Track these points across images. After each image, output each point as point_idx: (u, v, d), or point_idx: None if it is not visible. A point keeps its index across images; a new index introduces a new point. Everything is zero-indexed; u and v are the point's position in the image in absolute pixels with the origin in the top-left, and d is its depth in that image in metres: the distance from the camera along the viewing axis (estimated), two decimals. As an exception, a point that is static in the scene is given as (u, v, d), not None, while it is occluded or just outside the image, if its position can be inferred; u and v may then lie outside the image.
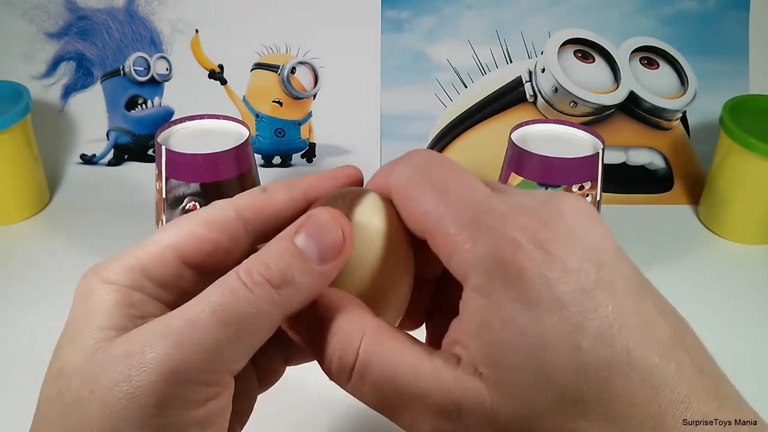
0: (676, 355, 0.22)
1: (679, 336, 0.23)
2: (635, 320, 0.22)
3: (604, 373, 0.21)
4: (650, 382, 0.21)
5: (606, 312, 0.22)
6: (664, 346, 0.22)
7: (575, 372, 0.21)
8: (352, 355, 0.23)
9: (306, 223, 0.24)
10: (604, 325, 0.21)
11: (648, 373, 0.21)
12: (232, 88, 0.77)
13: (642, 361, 0.21)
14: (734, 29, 0.78)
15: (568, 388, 0.21)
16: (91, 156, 0.77)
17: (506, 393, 0.22)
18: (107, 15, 0.76)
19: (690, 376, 0.22)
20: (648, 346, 0.22)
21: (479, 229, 0.23)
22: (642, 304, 0.23)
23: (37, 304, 0.61)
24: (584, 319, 0.21)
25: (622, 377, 0.21)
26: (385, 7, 0.76)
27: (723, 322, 0.61)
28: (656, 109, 0.77)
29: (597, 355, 0.21)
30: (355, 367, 0.23)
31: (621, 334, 0.21)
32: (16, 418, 0.51)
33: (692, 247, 0.70)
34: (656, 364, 0.21)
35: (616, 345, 0.21)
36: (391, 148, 0.77)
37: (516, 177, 0.59)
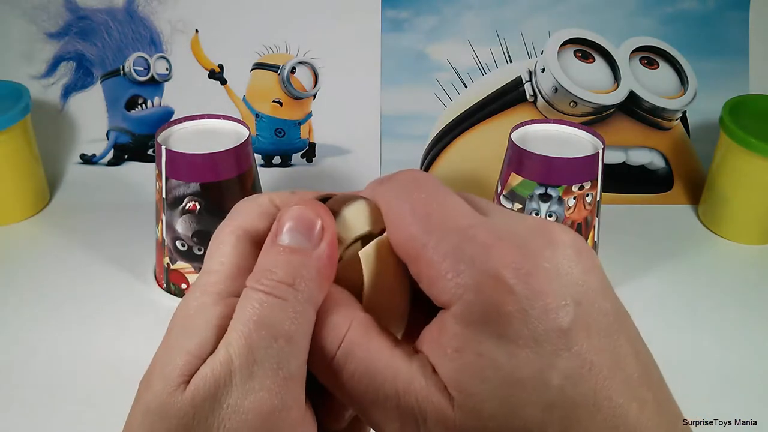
0: (640, 395, 0.23)
1: (646, 373, 0.23)
2: (606, 360, 0.22)
3: (570, 412, 0.22)
4: (612, 423, 0.22)
5: (579, 351, 0.22)
6: (630, 386, 0.23)
7: (542, 409, 0.22)
8: (335, 343, 0.23)
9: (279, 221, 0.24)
10: (576, 365, 0.22)
11: (611, 415, 0.22)
12: (232, 88, 0.77)
13: (606, 402, 0.22)
14: (734, 29, 0.78)
15: (533, 422, 0.22)
16: (91, 156, 0.77)
17: (470, 417, 0.22)
18: (107, 15, 0.76)
19: (649, 416, 0.23)
20: (614, 387, 0.22)
21: (462, 259, 0.23)
22: (616, 343, 0.23)
23: (38, 304, 0.61)
24: (557, 357, 0.22)
25: (587, 417, 0.22)
26: (385, 7, 0.76)
27: (723, 322, 0.61)
28: (656, 109, 0.77)
29: (565, 394, 0.22)
30: (336, 355, 0.23)
31: (590, 374, 0.22)
32: (17, 418, 0.51)
33: (692, 247, 0.70)
34: (620, 404, 0.22)
35: (584, 385, 0.22)
36: (391, 148, 0.77)
37: (516, 177, 0.59)
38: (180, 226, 0.58)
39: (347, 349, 0.23)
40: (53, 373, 0.54)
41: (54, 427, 0.50)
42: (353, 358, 0.23)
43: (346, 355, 0.23)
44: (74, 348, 0.57)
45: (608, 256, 0.65)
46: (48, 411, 0.52)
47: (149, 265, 0.65)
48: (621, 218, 0.73)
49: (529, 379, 0.22)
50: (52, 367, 0.55)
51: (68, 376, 0.54)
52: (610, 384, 0.22)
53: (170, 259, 0.60)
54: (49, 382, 0.54)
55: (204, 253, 0.59)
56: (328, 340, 0.23)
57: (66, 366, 0.55)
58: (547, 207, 0.58)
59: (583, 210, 0.59)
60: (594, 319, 0.23)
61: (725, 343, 0.59)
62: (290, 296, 0.23)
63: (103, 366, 0.55)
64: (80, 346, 0.57)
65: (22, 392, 0.53)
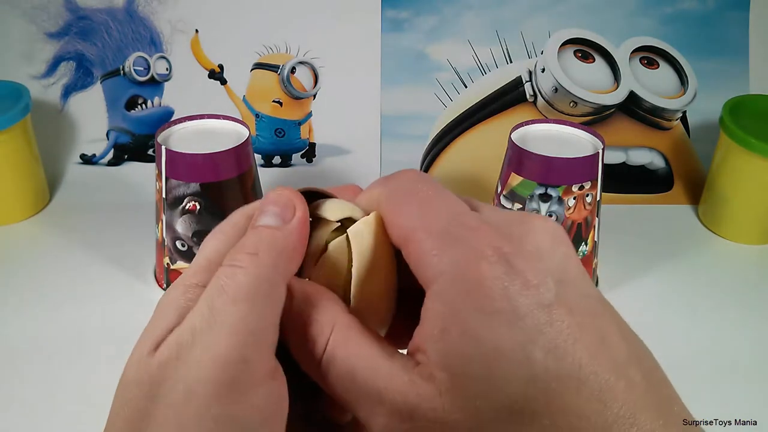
0: (628, 374, 0.23)
1: (635, 356, 0.23)
2: (591, 337, 0.23)
3: (554, 385, 0.22)
4: (599, 397, 0.22)
5: (561, 327, 0.22)
6: (618, 364, 0.23)
7: (525, 383, 0.22)
8: (321, 345, 0.24)
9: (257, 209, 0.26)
10: (559, 339, 0.22)
11: (597, 389, 0.22)
12: (232, 88, 0.77)
13: (593, 377, 0.22)
14: (734, 29, 0.78)
15: (517, 397, 0.22)
16: (91, 156, 0.77)
17: (458, 399, 0.23)
18: (107, 15, 0.76)
19: (640, 394, 0.23)
20: (601, 363, 0.22)
21: (448, 239, 0.24)
22: (600, 322, 0.23)
23: (38, 304, 0.61)
24: (539, 332, 0.22)
25: (572, 391, 0.22)
26: (385, 7, 0.76)
27: (723, 322, 0.61)
28: (656, 109, 0.77)
29: (548, 368, 0.22)
30: (322, 357, 0.24)
31: (574, 349, 0.22)
32: (17, 417, 0.51)
33: (692, 247, 0.70)
34: (607, 380, 0.22)
35: (567, 359, 0.22)
36: (391, 147, 0.77)
37: (516, 177, 0.59)
38: (180, 226, 0.58)
39: (331, 351, 0.24)
40: (53, 372, 0.54)
41: (54, 427, 0.50)
42: (336, 359, 0.24)
43: (330, 356, 0.24)
44: (74, 348, 0.57)
45: (608, 256, 0.65)
46: (48, 410, 0.52)
47: (149, 265, 0.65)
48: (621, 218, 0.73)
49: (511, 353, 0.22)
50: (52, 367, 0.55)
51: (68, 376, 0.54)
52: (596, 360, 0.22)
53: (170, 259, 0.60)
54: (49, 382, 0.54)
55: (204, 253, 0.59)
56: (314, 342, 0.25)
57: (66, 366, 0.55)
58: (547, 207, 0.58)
59: (583, 210, 0.59)
60: (576, 299, 0.23)
61: (725, 343, 0.59)
62: (251, 264, 0.24)
63: (102, 366, 0.55)
64: (80, 346, 0.57)
65: (23, 392, 0.53)
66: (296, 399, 0.25)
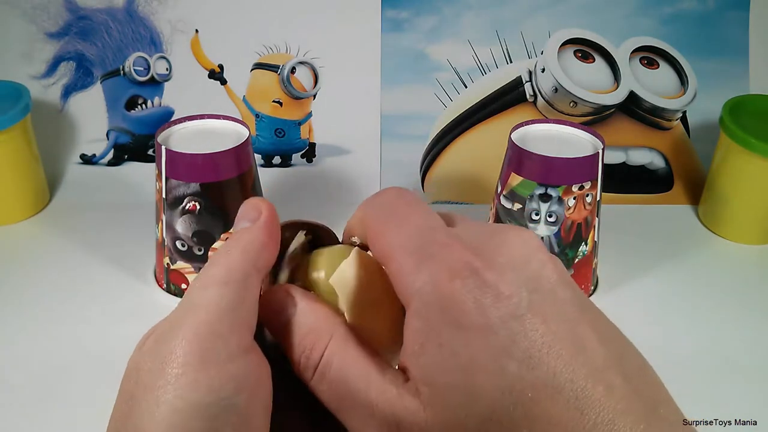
0: (606, 379, 0.23)
1: (616, 360, 0.24)
2: (566, 344, 0.23)
3: (530, 394, 0.22)
4: (575, 405, 0.22)
5: (535, 336, 0.23)
6: (595, 369, 0.23)
7: (502, 393, 0.22)
8: (318, 354, 0.26)
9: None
10: (533, 348, 0.23)
11: (574, 397, 0.22)
12: (232, 88, 0.77)
13: (568, 384, 0.22)
14: (734, 29, 0.78)
15: (495, 407, 0.23)
16: (91, 156, 0.77)
17: (439, 412, 0.23)
18: (107, 15, 0.76)
19: (619, 399, 0.23)
20: (576, 370, 0.23)
21: (422, 257, 0.25)
22: (577, 328, 0.24)
23: (37, 304, 0.61)
24: (512, 343, 0.23)
25: (548, 399, 0.22)
26: (385, 7, 0.76)
27: (723, 322, 0.61)
28: (656, 109, 0.77)
29: (522, 377, 0.22)
30: (318, 365, 0.26)
31: (549, 357, 0.23)
32: (17, 417, 0.51)
33: (692, 247, 0.70)
34: (583, 387, 0.22)
35: (542, 368, 0.22)
36: (391, 147, 0.77)
37: (516, 177, 0.59)
38: (180, 226, 0.58)
39: (327, 360, 0.26)
40: (53, 372, 0.54)
41: (54, 427, 0.50)
42: (332, 368, 0.25)
43: (326, 365, 0.26)
44: (74, 348, 0.57)
45: (608, 256, 0.65)
46: (47, 410, 0.51)
47: (149, 265, 0.65)
48: (621, 218, 0.73)
49: (487, 365, 0.23)
50: (52, 367, 0.55)
51: (68, 376, 0.54)
52: (572, 367, 0.23)
53: (170, 259, 0.60)
54: (49, 382, 0.54)
55: (204, 253, 0.59)
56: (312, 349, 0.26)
57: (65, 366, 0.55)
58: (547, 207, 0.58)
59: (583, 210, 0.59)
60: (551, 307, 0.24)
61: (725, 343, 0.59)
62: (223, 258, 0.27)
63: (103, 366, 0.55)
64: (80, 346, 0.57)
65: (22, 392, 0.53)
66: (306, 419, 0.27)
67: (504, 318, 0.23)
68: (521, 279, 0.24)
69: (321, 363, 0.26)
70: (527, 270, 0.24)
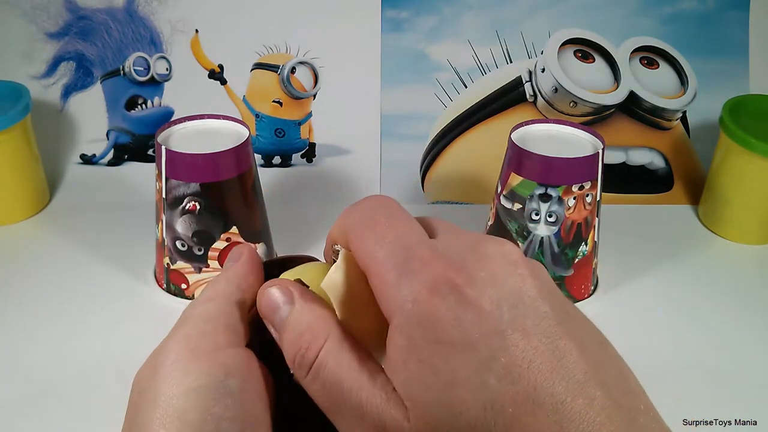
0: (586, 392, 0.23)
1: (597, 371, 0.24)
2: (546, 358, 0.23)
3: (510, 409, 0.23)
4: (555, 418, 0.22)
5: (516, 351, 0.23)
6: (575, 383, 0.23)
7: (483, 408, 0.23)
8: (314, 354, 0.26)
9: None
10: (513, 364, 0.23)
11: (553, 410, 0.22)
12: (232, 88, 0.77)
13: (548, 399, 0.23)
14: (734, 29, 0.78)
15: (476, 423, 0.23)
16: (91, 156, 0.77)
17: (422, 425, 0.24)
18: (107, 15, 0.76)
19: (598, 411, 0.23)
20: (556, 384, 0.23)
21: (404, 273, 0.25)
22: (558, 342, 0.24)
23: (37, 304, 0.61)
24: (492, 358, 0.23)
25: (528, 414, 0.22)
26: (385, 7, 0.76)
27: (723, 322, 0.61)
28: (656, 109, 0.77)
29: (503, 393, 0.23)
30: (313, 365, 0.26)
31: (529, 372, 0.23)
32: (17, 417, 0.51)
33: (692, 247, 0.70)
34: (563, 401, 0.23)
35: (522, 383, 0.23)
36: (391, 147, 0.77)
37: (516, 177, 0.59)
38: (180, 226, 0.58)
39: (322, 360, 0.26)
40: (53, 372, 0.54)
41: (54, 427, 0.50)
42: (325, 368, 0.26)
43: (320, 365, 0.26)
44: (74, 348, 0.57)
45: (608, 256, 0.65)
46: (47, 410, 0.51)
47: (149, 265, 0.65)
48: (621, 218, 0.73)
49: (467, 381, 0.23)
50: (52, 367, 0.55)
51: (68, 376, 0.54)
52: (551, 381, 0.23)
53: (170, 259, 0.60)
54: (49, 382, 0.54)
55: (204, 253, 0.59)
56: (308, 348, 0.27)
57: (65, 366, 0.55)
58: (547, 207, 0.58)
59: (583, 210, 0.59)
60: (531, 322, 0.24)
61: (725, 343, 0.59)
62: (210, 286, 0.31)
63: (102, 366, 0.55)
64: (80, 346, 0.57)
65: (22, 392, 0.53)
66: None
67: (484, 334, 0.23)
68: (501, 294, 0.24)
69: (316, 363, 0.26)
70: (507, 285, 0.24)
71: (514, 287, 0.24)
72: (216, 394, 0.26)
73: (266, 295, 0.28)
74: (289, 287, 0.28)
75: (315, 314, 0.27)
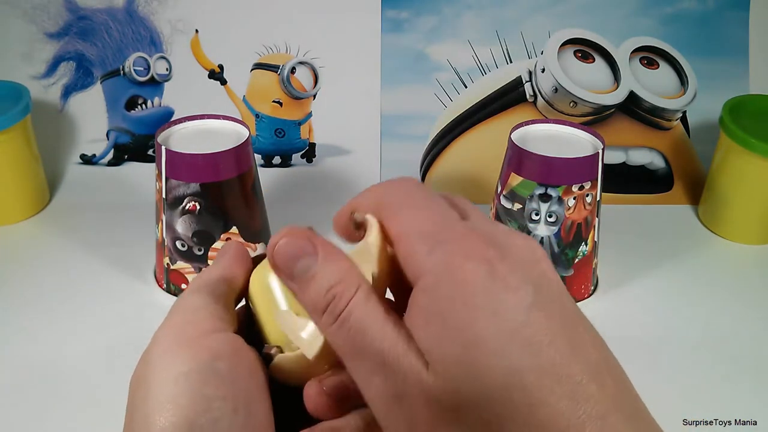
0: (600, 378, 0.24)
1: (605, 363, 0.25)
2: (565, 341, 0.24)
3: (531, 380, 0.23)
4: (571, 396, 0.23)
5: (538, 328, 0.24)
6: (590, 367, 0.24)
7: (504, 374, 0.24)
8: (344, 303, 0.27)
9: None
10: (535, 338, 0.24)
11: (570, 389, 0.23)
12: (232, 88, 0.77)
13: (566, 377, 0.24)
14: (734, 29, 0.78)
15: (497, 386, 0.24)
16: (91, 156, 0.77)
17: (443, 382, 0.24)
18: (107, 15, 0.76)
19: (611, 397, 0.24)
20: (573, 365, 0.24)
21: (438, 242, 0.26)
22: (574, 330, 0.25)
23: (37, 304, 0.61)
24: (516, 330, 0.24)
25: (547, 387, 0.23)
26: (385, 7, 0.76)
27: (723, 322, 0.61)
28: (656, 109, 0.77)
29: (524, 363, 0.24)
30: (342, 313, 0.27)
31: (550, 348, 0.24)
32: (17, 417, 0.51)
33: (692, 247, 0.70)
34: (579, 381, 0.24)
35: (543, 356, 0.24)
36: (391, 147, 0.77)
37: (516, 177, 0.59)
38: (180, 226, 0.58)
39: (351, 309, 0.27)
40: (53, 372, 0.54)
41: (54, 427, 0.50)
42: (352, 317, 0.27)
43: (348, 314, 0.27)
44: (74, 348, 0.57)
45: (608, 256, 0.65)
46: (47, 410, 0.52)
47: (149, 265, 0.65)
48: (621, 218, 0.73)
49: (492, 346, 0.24)
50: (52, 367, 0.55)
51: (68, 376, 0.54)
52: (569, 362, 0.24)
53: (170, 259, 0.60)
54: (49, 382, 0.54)
55: (204, 253, 0.59)
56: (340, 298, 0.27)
57: (66, 366, 0.55)
58: (547, 207, 0.58)
59: (583, 210, 0.59)
60: (552, 308, 0.25)
61: (725, 343, 0.59)
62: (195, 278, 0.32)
63: (103, 366, 0.55)
64: (80, 346, 0.57)
65: (22, 392, 0.53)
66: None
67: (511, 307, 0.24)
68: (528, 277, 0.25)
69: (345, 311, 0.27)
70: (534, 272, 0.26)
71: (540, 276, 0.26)
72: (205, 376, 0.27)
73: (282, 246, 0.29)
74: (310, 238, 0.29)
75: (344, 266, 0.28)
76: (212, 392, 0.27)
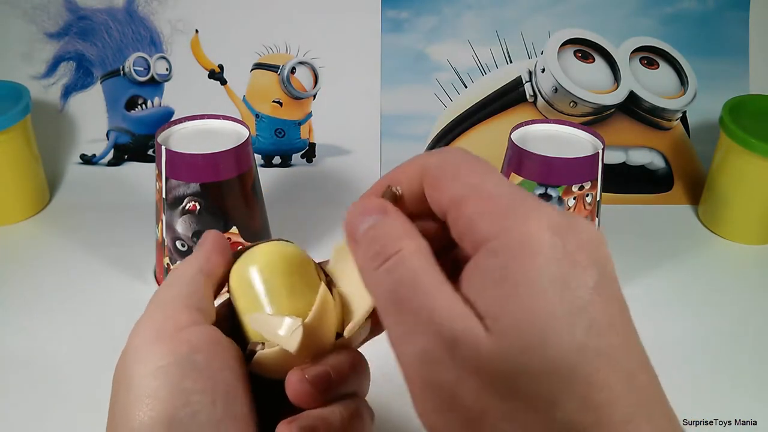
0: (648, 372, 0.25)
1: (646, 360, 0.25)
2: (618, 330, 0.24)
3: (596, 359, 0.23)
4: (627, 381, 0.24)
5: (600, 309, 0.24)
6: (640, 357, 0.25)
7: (570, 349, 0.23)
8: (396, 247, 0.26)
9: None
10: (597, 319, 0.24)
11: (626, 375, 0.24)
12: (232, 88, 0.77)
13: (623, 363, 0.24)
14: (734, 29, 0.78)
15: (561, 361, 0.23)
16: (91, 156, 0.77)
17: (501, 344, 0.23)
18: (107, 15, 0.76)
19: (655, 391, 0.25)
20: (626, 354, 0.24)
21: (512, 207, 0.25)
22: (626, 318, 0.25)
23: (37, 304, 0.61)
24: (582, 308, 0.23)
25: (607, 369, 0.23)
26: (385, 7, 0.76)
27: (723, 322, 0.61)
28: (656, 109, 0.77)
29: (590, 343, 0.23)
30: (390, 258, 0.25)
31: (609, 332, 0.24)
32: (17, 417, 0.51)
33: (692, 247, 0.70)
34: (632, 369, 0.24)
35: (603, 339, 0.23)
36: (391, 148, 0.77)
37: (516, 177, 0.59)
38: (180, 226, 0.58)
39: (403, 256, 0.25)
40: (53, 372, 0.54)
41: (53, 427, 0.50)
42: (404, 265, 0.25)
43: (399, 261, 0.25)
44: (74, 348, 0.57)
45: (608, 256, 0.65)
46: (47, 410, 0.52)
47: (149, 265, 0.65)
48: (621, 218, 0.73)
49: (562, 318, 0.23)
50: (52, 367, 0.55)
51: (68, 376, 0.54)
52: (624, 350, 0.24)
53: (170, 259, 0.60)
54: (49, 382, 0.54)
55: (204, 253, 0.59)
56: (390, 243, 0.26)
57: (66, 366, 0.55)
58: (547, 207, 0.58)
59: (583, 210, 0.59)
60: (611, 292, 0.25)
61: (725, 343, 0.59)
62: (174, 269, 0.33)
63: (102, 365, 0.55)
64: (80, 346, 0.57)
65: (22, 392, 0.53)
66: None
67: (578, 283, 0.24)
68: (594, 258, 0.25)
69: (397, 256, 0.25)
70: (598, 253, 0.25)
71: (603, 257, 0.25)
72: (183, 369, 0.28)
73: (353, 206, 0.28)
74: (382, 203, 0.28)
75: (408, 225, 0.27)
76: (191, 385, 0.27)
